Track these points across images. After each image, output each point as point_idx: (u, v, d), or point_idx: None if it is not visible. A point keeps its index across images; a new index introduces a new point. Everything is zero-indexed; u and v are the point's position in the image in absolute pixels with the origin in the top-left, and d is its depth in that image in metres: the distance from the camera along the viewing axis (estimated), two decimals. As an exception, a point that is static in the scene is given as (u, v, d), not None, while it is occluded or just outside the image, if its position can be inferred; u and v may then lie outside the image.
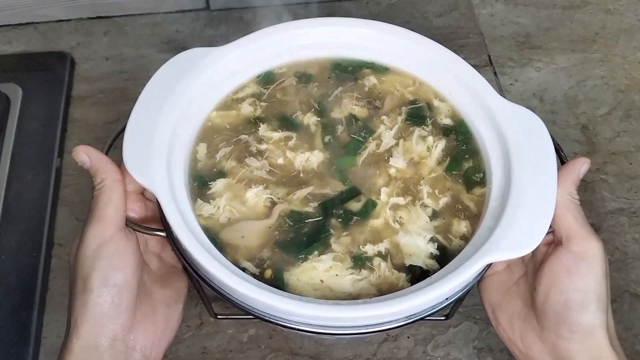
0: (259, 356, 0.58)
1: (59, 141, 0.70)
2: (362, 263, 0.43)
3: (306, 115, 0.50)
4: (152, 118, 0.44)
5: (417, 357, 0.58)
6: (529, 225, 0.41)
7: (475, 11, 0.83)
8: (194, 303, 0.60)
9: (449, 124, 0.50)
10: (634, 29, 0.82)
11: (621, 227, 0.66)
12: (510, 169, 0.44)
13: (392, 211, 0.45)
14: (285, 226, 0.44)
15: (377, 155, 0.48)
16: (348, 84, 0.52)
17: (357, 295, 0.42)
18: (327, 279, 0.42)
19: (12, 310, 0.59)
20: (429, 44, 0.51)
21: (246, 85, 0.51)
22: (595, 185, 0.69)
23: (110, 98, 0.75)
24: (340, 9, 0.83)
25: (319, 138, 0.49)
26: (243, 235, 0.43)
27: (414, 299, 0.39)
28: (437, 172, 0.47)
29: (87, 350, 0.38)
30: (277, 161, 0.47)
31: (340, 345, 0.59)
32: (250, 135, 0.49)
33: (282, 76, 0.52)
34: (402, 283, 0.42)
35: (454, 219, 0.45)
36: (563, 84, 0.77)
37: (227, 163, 0.47)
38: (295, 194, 0.46)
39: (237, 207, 0.45)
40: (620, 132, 0.73)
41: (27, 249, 0.62)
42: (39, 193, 0.66)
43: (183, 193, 0.44)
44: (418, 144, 0.48)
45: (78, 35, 0.80)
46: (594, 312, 0.39)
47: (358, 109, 0.51)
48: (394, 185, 0.46)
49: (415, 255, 0.43)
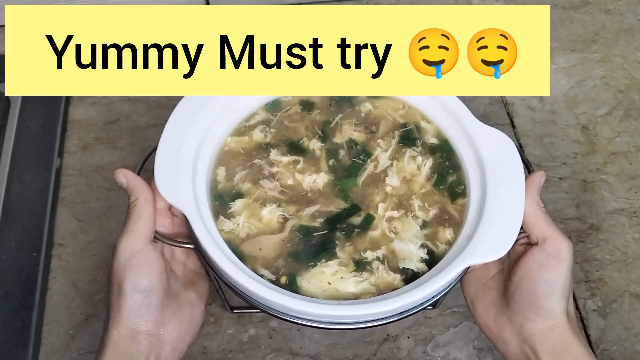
0: (259, 356, 0.58)
1: (59, 141, 0.70)
2: (363, 267, 0.49)
3: (311, 141, 0.56)
4: (178, 144, 0.50)
5: (417, 357, 0.58)
6: (501, 233, 0.48)
7: (475, 11, 0.83)
8: (194, 303, 0.61)
9: (435, 142, 0.56)
10: (634, 29, 0.82)
11: (621, 227, 0.66)
12: (485, 184, 0.51)
13: (388, 223, 0.51)
14: (297, 239, 0.50)
15: (375, 175, 0.54)
16: (346, 110, 0.58)
17: (360, 294, 0.48)
18: (334, 282, 0.48)
19: (12, 310, 0.59)
20: None
21: (256, 113, 0.57)
22: (595, 185, 0.69)
23: (110, 98, 0.75)
24: (340, 9, 0.83)
25: (323, 161, 0.55)
26: (261, 247, 0.50)
27: (406, 298, 0.46)
28: (426, 187, 0.54)
29: (125, 339, 0.45)
30: (287, 182, 0.53)
31: (340, 345, 0.59)
32: (263, 160, 0.54)
33: (288, 104, 0.58)
34: (397, 283, 0.49)
35: (440, 227, 0.52)
36: (563, 84, 0.77)
37: (244, 185, 0.53)
38: (304, 211, 0.52)
39: (254, 223, 0.51)
40: (620, 132, 0.73)
41: (27, 249, 0.62)
42: (39, 193, 0.66)
43: (207, 210, 0.50)
44: (409, 163, 0.55)
45: (78, 35, 0.80)
46: (557, 300, 0.46)
47: (357, 134, 0.56)
48: (390, 201, 0.53)
49: (408, 259, 0.50)
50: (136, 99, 0.74)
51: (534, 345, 0.46)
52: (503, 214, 0.48)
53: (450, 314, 0.60)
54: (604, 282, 0.62)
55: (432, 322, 0.60)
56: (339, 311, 0.45)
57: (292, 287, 0.48)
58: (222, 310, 0.60)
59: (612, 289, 0.62)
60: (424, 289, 0.46)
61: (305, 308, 0.45)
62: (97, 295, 0.61)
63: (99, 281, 0.62)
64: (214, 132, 0.54)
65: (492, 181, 0.51)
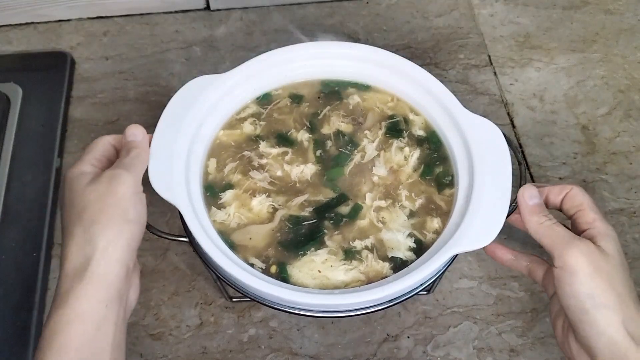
0: (259, 356, 0.58)
1: (59, 141, 0.70)
2: (352, 255, 0.50)
3: (299, 132, 0.57)
4: (170, 142, 0.51)
5: (417, 357, 0.58)
6: (487, 223, 0.48)
7: (475, 11, 0.83)
8: (194, 303, 0.61)
9: (422, 135, 0.57)
10: (634, 29, 0.82)
11: (621, 227, 0.66)
12: (473, 172, 0.51)
13: (376, 212, 0.52)
14: (286, 228, 0.51)
15: (362, 165, 0.55)
16: (335, 102, 0.59)
17: (350, 282, 0.49)
18: (323, 270, 0.49)
19: (12, 310, 0.59)
20: (405, 63, 0.58)
21: (247, 106, 0.58)
22: (595, 185, 0.69)
23: (110, 98, 0.75)
24: (341, 8, 0.83)
25: (311, 152, 0.56)
26: (251, 237, 0.51)
27: (394, 286, 0.46)
28: (413, 177, 0.55)
29: (114, 271, 0.44)
30: (276, 173, 0.54)
31: (340, 345, 0.59)
32: (252, 151, 0.55)
33: (278, 97, 0.59)
34: (386, 271, 0.50)
35: (428, 217, 0.52)
36: (563, 84, 0.77)
37: (234, 176, 0.54)
38: (293, 201, 0.53)
39: (244, 213, 0.52)
40: (620, 132, 0.73)
41: (27, 249, 0.62)
42: (39, 193, 0.66)
43: (200, 205, 0.51)
44: (397, 154, 0.56)
45: (78, 35, 0.80)
46: (593, 312, 0.43)
47: (344, 125, 0.57)
48: (377, 190, 0.54)
49: (396, 248, 0.51)
50: (136, 98, 0.74)
51: None
52: (489, 203, 0.49)
53: (450, 314, 0.60)
54: (604, 282, 0.62)
55: (432, 322, 0.60)
56: (330, 300, 0.46)
57: (282, 276, 0.49)
58: (222, 311, 0.60)
59: (612, 289, 0.62)
60: (412, 277, 0.46)
61: (296, 298, 0.46)
62: (97, 295, 0.61)
63: (99, 281, 0.62)
64: (207, 127, 0.55)
65: (480, 170, 0.51)
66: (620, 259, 0.46)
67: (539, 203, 0.48)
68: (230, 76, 0.56)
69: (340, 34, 0.80)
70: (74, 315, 0.41)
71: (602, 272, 0.44)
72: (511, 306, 0.61)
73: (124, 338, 0.44)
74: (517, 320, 0.60)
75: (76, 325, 0.41)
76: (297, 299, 0.46)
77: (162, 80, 0.76)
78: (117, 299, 0.43)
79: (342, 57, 0.59)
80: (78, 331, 0.41)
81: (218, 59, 0.78)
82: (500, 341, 0.59)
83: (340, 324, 0.60)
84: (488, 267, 0.63)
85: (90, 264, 0.42)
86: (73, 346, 0.40)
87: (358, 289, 0.48)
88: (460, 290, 0.62)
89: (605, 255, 0.45)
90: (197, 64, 0.78)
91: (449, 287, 0.62)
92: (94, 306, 0.42)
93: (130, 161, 0.47)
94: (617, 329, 0.43)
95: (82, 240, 0.43)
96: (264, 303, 0.48)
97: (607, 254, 0.45)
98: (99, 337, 0.41)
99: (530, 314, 0.60)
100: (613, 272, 0.44)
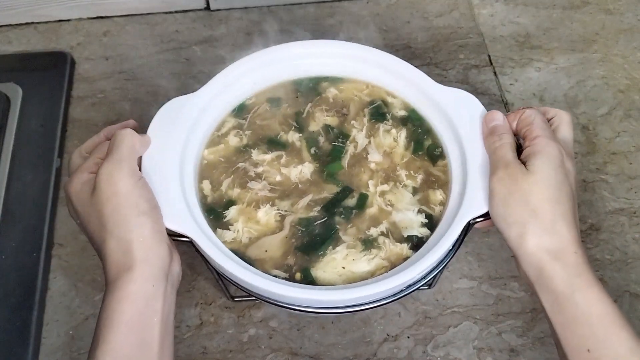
0: (259, 356, 0.58)
1: (59, 141, 0.70)
2: (371, 244, 0.51)
3: (289, 133, 0.57)
4: (160, 171, 0.50)
5: (417, 357, 0.58)
6: (488, 184, 0.49)
7: (475, 11, 0.83)
8: (194, 303, 0.61)
9: (404, 114, 0.58)
10: (634, 29, 0.82)
11: (621, 227, 0.66)
12: (461, 142, 0.52)
13: (382, 197, 0.53)
14: (299, 233, 0.51)
15: (357, 155, 0.56)
16: (314, 98, 0.59)
17: (375, 271, 0.49)
18: (347, 265, 0.49)
19: (12, 310, 0.59)
20: (374, 52, 0.59)
21: (225, 121, 0.57)
22: (595, 185, 0.69)
23: (110, 98, 0.75)
24: (341, 8, 0.83)
25: (305, 151, 0.56)
26: (266, 249, 0.50)
27: (420, 265, 0.46)
28: (407, 156, 0.56)
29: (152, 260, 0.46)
30: (275, 179, 0.54)
31: (340, 345, 0.59)
32: (246, 162, 0.55)
33: (255, 105, 0.58)
34: (405, 252, 0.50)
35: (430, 190, 0.53)
36: (563, 84, 0.77)
37: (233, 191, 0.53)
38: (299, 204, 0.52)
39: (253, 227, 0.51)
40: (620, 132, 0.73)
41: (27, 249, 0.62)
42: (39, 193, 0.66)
43: (206, 224, 0.50)
44: (385, 137, 0.56)
45: (78, 35, 0.80)
46: (507, 231, 0.46)
47: (330, 118, 0.58)
48: (377, 176, 0.54)
49: (410, 226, 0.51)
50: (136, 98, 0.74)
51: None
52: (484, 167, 0.50)
53: (450, 314, 0.60)
54: (604, 282, 0.62)
55: (432, 322, 0.60)
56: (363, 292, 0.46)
57: (309, 280, 0.49)
58: (222, 311, 0.60)
59: (612, 289, 0.62)
60: (435, 253, 0.47)
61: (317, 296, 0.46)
62: (97, 295, 0.61)
63: (99, 281, 0.62)
64: (190, 148, 0.54)
65: (467, 138, 0.52)
66: (546, 175, 0.45)
67: (497, 125, 0.51)
68: (202, 94, 0.55)
69: (340, 34, 0.80)
70: (123, 296, 0.44)
71: (516, 193, 0.45)
72: (511, 306, 0.61)
73: (173, 309, 0.47)
74: (517, 320, 0.60)
75: (125, 304, 0.44)
76: (327, 297, 0.46)
77: (162, 81, 0.76)
78: (162, 277, 0.46)
79: (309, 55, 0.59)
80: (127, 308, 0.44)
81: (218, 59, 0.78)
82: (500, 341, 0.59)
83: (341, 324, 0.60)
84: (488, 267, 0.63)
85: (132, 255, 0.45)
86: (123, 320, 0.43)
87: (386, 274, 0.48)
88: (460, 290, 0.62)
89: (526, 174, 0.46)
90: (197, 64, 0.78)
91: (449, 287, 0.62)
92: (142, 286, 0.44)
93: (116, 149, 0.47)
94: (531, 243, 0.44)
95: (114, 242, 0.45)
96: (275, 303, 0.48)
97: (529, 173, 0.46)
98: (147, 313, 0.44)
99: (530, 314, 0.60)
100: (531, 189, 0.45)
